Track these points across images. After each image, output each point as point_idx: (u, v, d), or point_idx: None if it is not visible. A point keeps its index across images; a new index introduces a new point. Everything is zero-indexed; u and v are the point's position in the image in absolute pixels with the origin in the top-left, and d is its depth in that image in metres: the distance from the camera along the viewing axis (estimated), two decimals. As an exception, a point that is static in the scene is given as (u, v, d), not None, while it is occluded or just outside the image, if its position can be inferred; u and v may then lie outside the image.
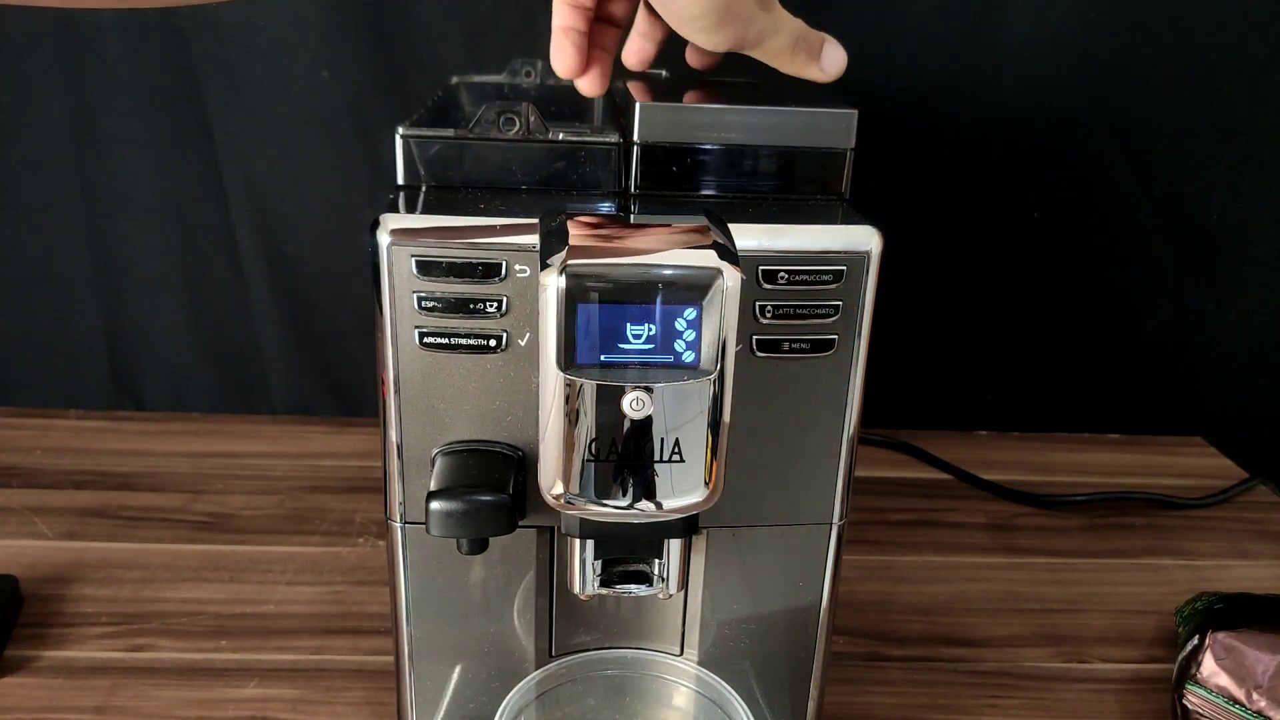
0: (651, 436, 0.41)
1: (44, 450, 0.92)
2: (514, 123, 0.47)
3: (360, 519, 0.83)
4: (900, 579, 0.79)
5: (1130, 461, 1.00)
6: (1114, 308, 1.02)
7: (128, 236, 0.93)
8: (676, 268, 0.40)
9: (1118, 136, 0.95)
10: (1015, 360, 1.03)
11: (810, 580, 0.53)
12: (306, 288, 0.96)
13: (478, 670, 0.53)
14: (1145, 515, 0.90)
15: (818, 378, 0.48)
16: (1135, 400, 1.05)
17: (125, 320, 0.97)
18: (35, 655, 0.65)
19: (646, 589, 0.50)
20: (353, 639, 0.68)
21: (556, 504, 0.43)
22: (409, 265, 0.44)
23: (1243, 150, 0.96)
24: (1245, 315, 1.02)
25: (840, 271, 0.46)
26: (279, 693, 0.63)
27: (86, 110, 0.89)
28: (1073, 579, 0.80)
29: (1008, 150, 0.95)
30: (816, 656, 0.55)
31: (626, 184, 0.49)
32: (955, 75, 0.92)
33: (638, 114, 0.47)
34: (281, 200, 0.93)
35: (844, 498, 0.51)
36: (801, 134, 0.49)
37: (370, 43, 0.88)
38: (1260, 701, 0.58)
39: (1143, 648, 0.72)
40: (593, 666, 0.54)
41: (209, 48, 0.87)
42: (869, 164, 0.52)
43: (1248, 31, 0.92)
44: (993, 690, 0.67)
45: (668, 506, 0.43)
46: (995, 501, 0.91)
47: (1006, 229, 0.98)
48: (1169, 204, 0.97)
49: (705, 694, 0.52)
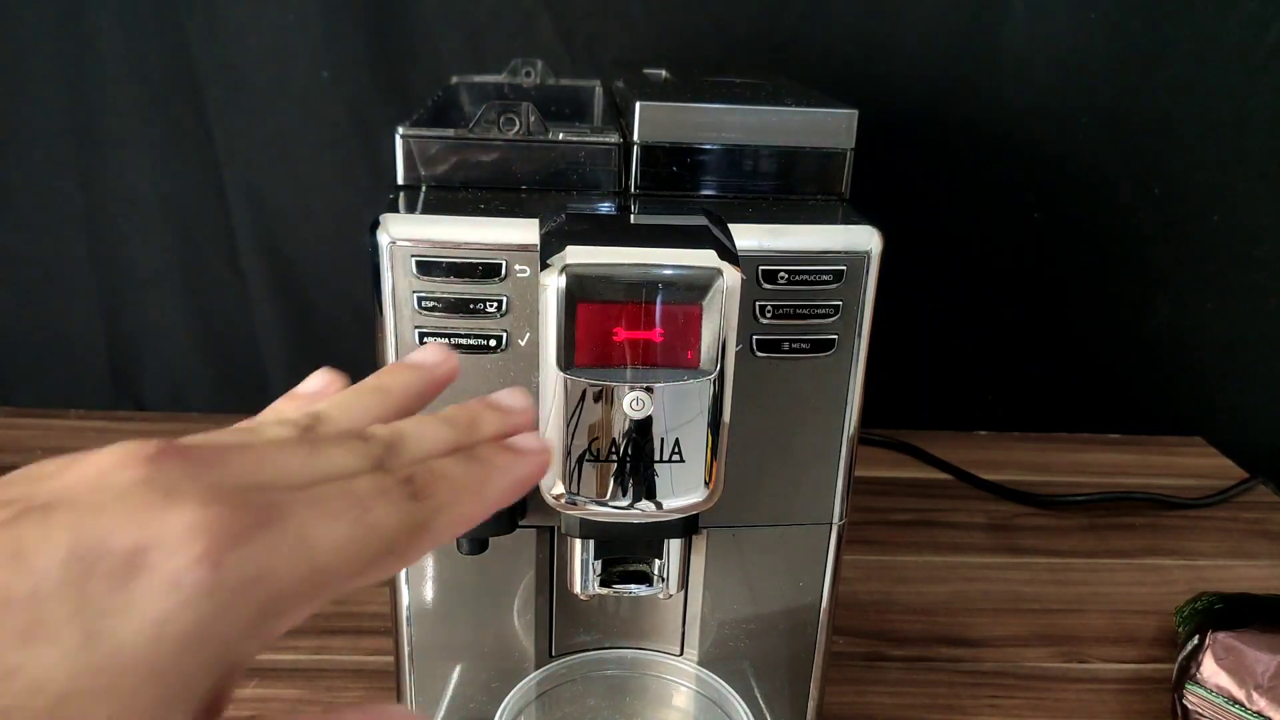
0: (651, 436, 0.41)
1: (44, 450, 0.91)
2: (514, 123, 0.47)
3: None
4: (900, 579, 0.79)
5: (1130, 461, 1.00)
6: (1114, 308, 1.02)
7: (128, 236, 0.93)
8: (676, 268, 0.40)
9: (1118, 137, 0.95)
10: (1015, 360, 1.03)
11: (810, 580, 0.53)
12: (306, 288, 0.96)
13: (478, 670, 0.53)
14: (1145, 515, 0.90)
15: (818, 378, 0.48)
16: (1135, 400, 1.05)
17: (125, 320, 0.97)
18: (35, 655, 0.65)
19: (646, 589, 0.50)
20: (353, 639, 0.68)
21: (556, 504, 0.43)
22: (409, 265, 0.44)
23: (1243, 150, 0.96)
24: (1245, 315, 1.02)
25: (840, 271, 0.46)
26: (279, 693, 0.63)
27: (87, 110, 0.89)
28: (1073, 579, 0.80)
29: (1008, 150, 0.95)
30: (816, 656, 0.55)
31: (626, 184, 0.49)
32: (955, 75, 0.92)
33: (638, 114, 0.47)
34: (281, 200, 0.93)
35: (844, 498, 0.51)
36: (801, 134, 0.49)
37: (370, 43, 0.88)
38: (1260, 701, 0.58)
39: (1143, 648, 0.72)
40: (593, 666, 0.54)
41: (209, 48, 0.87)
42: (869, 164, 0.52)
43: (1248, 31, 0.92)
44: (993, 690, 0.67)
45: (668, 506, 0.43)
46: (995, 501, 0.91)
47: (1006, 229, 0.98)
48: (1169, 204, 0.97)
49: (705, 694, 0.52)
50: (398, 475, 0.25)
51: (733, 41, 0.91)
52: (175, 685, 0.21)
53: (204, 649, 0.21)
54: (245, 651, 0.22)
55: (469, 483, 0.27)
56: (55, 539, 0.20)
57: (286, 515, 0.23)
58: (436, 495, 0.25)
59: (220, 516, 0.21)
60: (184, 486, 0.22)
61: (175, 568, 0.21)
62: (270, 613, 0.22)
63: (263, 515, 0.22)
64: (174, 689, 0.21)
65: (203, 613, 0.21)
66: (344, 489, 0.24)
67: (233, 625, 0.21)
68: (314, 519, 0.23)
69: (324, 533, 0.23)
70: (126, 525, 0.21)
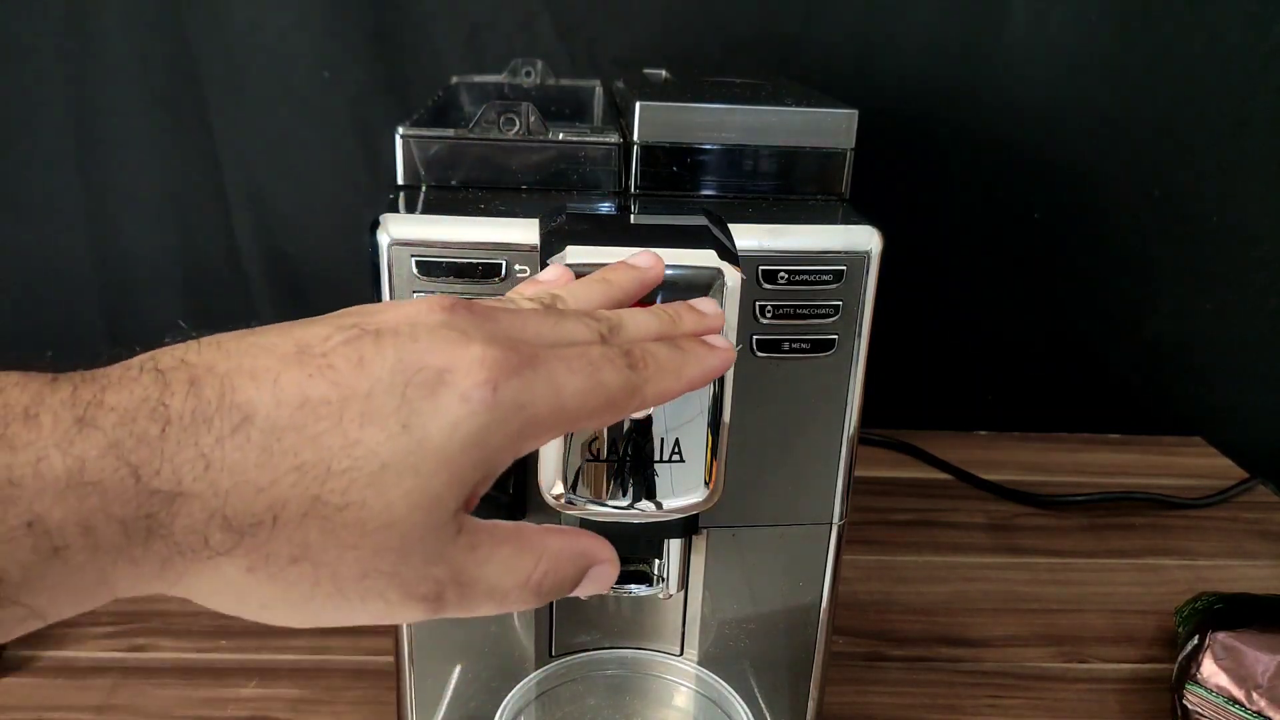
0: (651, 436, 0.41)
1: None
2: (514, 123, 0.47)
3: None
4: (900, 579, 0.79)
5: (1130, 461, 1.00)
6: (1114, 308, 1.02)
7: (128, 236, 0.93)
8: (676, 268, 0.40)
9: (1118, 137, 0.95)
10: (1015, 360, 1.03)
11: (810, 580, 0.53)
12: (306, 288, 0.95)
13: (478, 670, 0.53)
14: (1145, 515, 0.90)
15: (818, 378, 0.48)
16: (1135, 400, 1.05)
17: (126, 320, 0.97)
18: (35, 655, 0.65)
19: (646, 589, 0.50)
20: (353, 638, 0.68)
21: (556, 504, 0.43)
22: (409, 265, 0.44)
23: (1243, 151, 0.96)
24: (1245, 315, 1.02)
25: (840, 271, 0.46)
26: (279, 692, 0.63)
27: (88, 109, 0.89)
28: (1073, 579, 0.80)
29: (1008, 151, 0.95)
30: (816, 656, 0.55)
31: (626, 184, 0.49)
32: (955, 75, 0.92)
33: (638, 114, 0.47)
34: (281, 200, 0.93)
35: (844, 498, 0.51)
36: (801, 134, 0.49)
37: (370, 43, 0.88)
38: (1260, 701, 0.58)
39: (1143, 648, 0.72)
40: (593, 666, 0.54)
41: (210, 47, 0.87)
42: (869, 164, 0.52)
43: (1248, 31, 0.92)
44: (993, 690, 0.67)
45: (668, 506, 0.43)
46: (995, 501, 0.91)
47: (1006, 229, 0.98)
48: (1169, 204, 0.97)
49: (705, 694, 0.52)
50: (619, 348, 0.32)
51: (733, 41, 0.91)
52: (457, 474, 0.28)
53: (479, 452, 0.28)
54: (502, 461, 0.29)
55: (671, 364, 0.33)
56: (386, 354, 0.28)
57: (542, 363, 0.29)
58: (647, 369, 0.32)
59: (498, 355, 0.29)
60: (472, 331, 0.29)
61: (468, 386, 0.28)
62: (526, 434, 0.29)
63: (526, 360, 0.29)
64: (455, 476, 0.28)
65: (483, 423, 0.28)
66: (581, 352, 0.31)
67: (501, 437, 0.29)
68: (561, 370, 0.30)
69: (568, 381, 0.30)
70: (435, 352, 0.28)
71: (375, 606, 0.29)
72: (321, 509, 0.27)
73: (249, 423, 0.26)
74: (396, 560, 0.28)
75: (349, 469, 0.27)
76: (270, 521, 0.26)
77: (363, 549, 0.27)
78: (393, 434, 0.27)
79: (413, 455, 0.27)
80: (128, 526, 0.25)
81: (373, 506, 0.27)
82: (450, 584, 0.29)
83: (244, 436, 0.26)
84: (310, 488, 0.27)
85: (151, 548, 0.26)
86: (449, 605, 0.30)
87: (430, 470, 0.28)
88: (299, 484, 0.26)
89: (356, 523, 0.27)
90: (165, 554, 0.26)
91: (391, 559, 0.28)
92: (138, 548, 0.26)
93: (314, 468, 0.27)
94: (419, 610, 0.29)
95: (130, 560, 0.26)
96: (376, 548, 0.27)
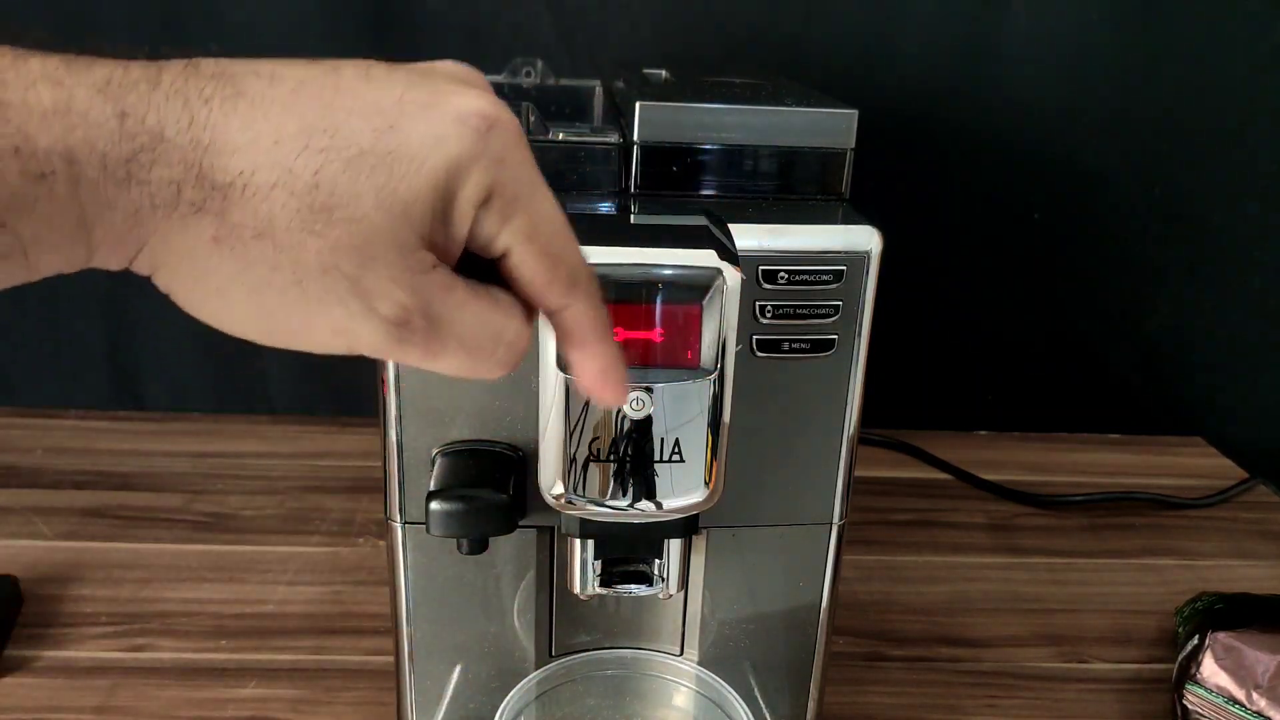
0: (651, 436, 0.41)
1: (44, 450, 0.91)
2: (514, 123, 0.47)
3: (360, 519, 0.83)
4: (900, 579, 0.79)
5: (1130, 461, 1.00)
6: (1114, 308, 1.02)
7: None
8: (676, 268, 0.40)
9: (1118, 137, 0.95)
10: (1015, 360, 1.03)
11: (810, 580, 0.53)
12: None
13: (478, 670, 0.53)
14: (1145, 515, 0.90)
15: (817, 378, 0.48)
16: (1135, 400, 1.05)
17: (126, 320, 0.97)
18: (35, 655, 0.65)
19: (646, 589, 0.50)
20: (353, 639, 0.68)
21: (556, 504, 0.43)
22: (409, 265, 0.44)
23: (1243, 151, 0.96)
24: (1245, 315, 1.02)
25: (840, 271, 0.46)
26: (279, 693, 0.63)
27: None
28: (1073, 579, 0.80)
29: (1008, 150, 0.95)
30: (816, 656, 0.55)
31: (626, 184, 0.49)
32: (956, 75, 0.92)
33: (638, 114, 0.47)
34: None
35: (844, 498, 0.51)
36: (801, 134, 0.49)
37: (370, 43, 0.88)
38: (1260, 701, 0.58)
39: (1143, 648, 0.72)
40: (593, 666, 0.54)
41: (211, 48, 0.87)
42: (869, 164, 0.52)
43: (1248, 31, 0.92)
44: (993, 690, 0.67)
45: (668, 506, 0.43)
46: (995, 501, 0.91)
47: (1006, 229, 0.98)
48: (1169, 204, 0.97)
49: (705, 694, 0.52)
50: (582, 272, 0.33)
51: (733, 41, 0.91)
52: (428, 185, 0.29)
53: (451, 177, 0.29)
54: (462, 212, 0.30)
55: None
56: (395, 74, 0.30)
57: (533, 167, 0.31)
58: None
59: (507, 121, 0.30)
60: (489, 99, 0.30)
61: (466, 112, 0.29)
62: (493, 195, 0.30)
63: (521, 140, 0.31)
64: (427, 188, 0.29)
65: (467, 149, 0.29)
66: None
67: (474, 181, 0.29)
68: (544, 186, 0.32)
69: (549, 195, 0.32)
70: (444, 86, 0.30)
71: (336, 314, 0.29)
72: (291, 182, 0.27)
73: (240, 96, 0.28)
74: (359, 263, 0.28)
75: (326, 148, 0.28)
76: (241, 187, 0.27)
77: (325, 238, 0.28)
78: (378, 129, 0.28)
79: (391, 154, 0.28)
80: (108, 162, 0.26)
81: (340, 194, 0.28)
82: (418, 313, 0.29)
83: (231, 106, 0.27)
84: (284, 159, 0.27)
85: (128, 193, 0.27)
86: (415, 338, 0.30)
87: (403, 173, 0.28)
88: (274, 153, 0.27)
89: (323, 208, 0.28)
90: (139, 203, 0.27)
91: (355, 259, 0.28)
92: (115, 187, 0.27)
93: (292, 140, 0.27)
94: (381, 333, 0.29)
95: (107, 203, 0.27)
96: (338, 242, 0.28)
